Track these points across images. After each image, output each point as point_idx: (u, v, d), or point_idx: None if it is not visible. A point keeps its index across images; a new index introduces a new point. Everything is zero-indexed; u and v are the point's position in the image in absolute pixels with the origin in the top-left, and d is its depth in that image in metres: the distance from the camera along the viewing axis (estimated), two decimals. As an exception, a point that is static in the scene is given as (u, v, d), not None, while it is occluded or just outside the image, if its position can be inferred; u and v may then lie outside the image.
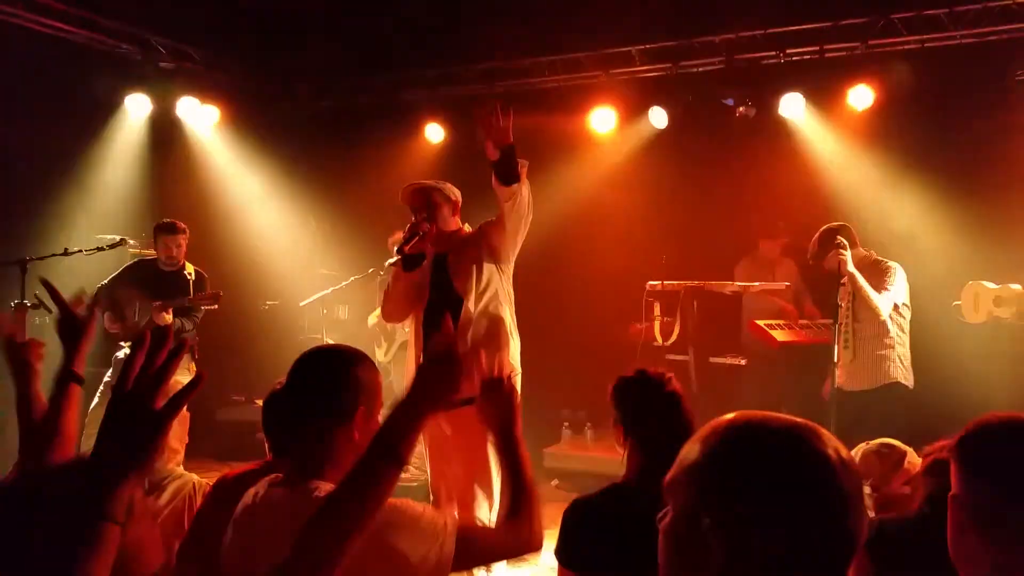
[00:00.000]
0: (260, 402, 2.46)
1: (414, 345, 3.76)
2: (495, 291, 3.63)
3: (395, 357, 6.06)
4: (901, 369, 4.79)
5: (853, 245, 4.79)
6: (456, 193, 3.77)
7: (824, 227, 4.91)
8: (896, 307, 4.76)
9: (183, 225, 5.55)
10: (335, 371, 1.73)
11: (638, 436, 2.17)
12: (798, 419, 1.01)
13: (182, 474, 2.81)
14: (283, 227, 7.60)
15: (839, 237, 4.72)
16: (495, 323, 3.61)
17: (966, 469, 1.36)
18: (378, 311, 6.20)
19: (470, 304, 3.56)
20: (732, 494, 0.93)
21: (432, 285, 3.68)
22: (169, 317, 5.23)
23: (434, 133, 7.32)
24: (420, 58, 7.22)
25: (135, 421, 1.00)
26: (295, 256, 7.47)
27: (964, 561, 1.35)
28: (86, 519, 0.96)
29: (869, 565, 1.98)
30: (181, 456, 2.95)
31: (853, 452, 2.86)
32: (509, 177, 3.39)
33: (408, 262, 3.62)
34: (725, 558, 0.92)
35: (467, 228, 3.78)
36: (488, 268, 3.62)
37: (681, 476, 0.98)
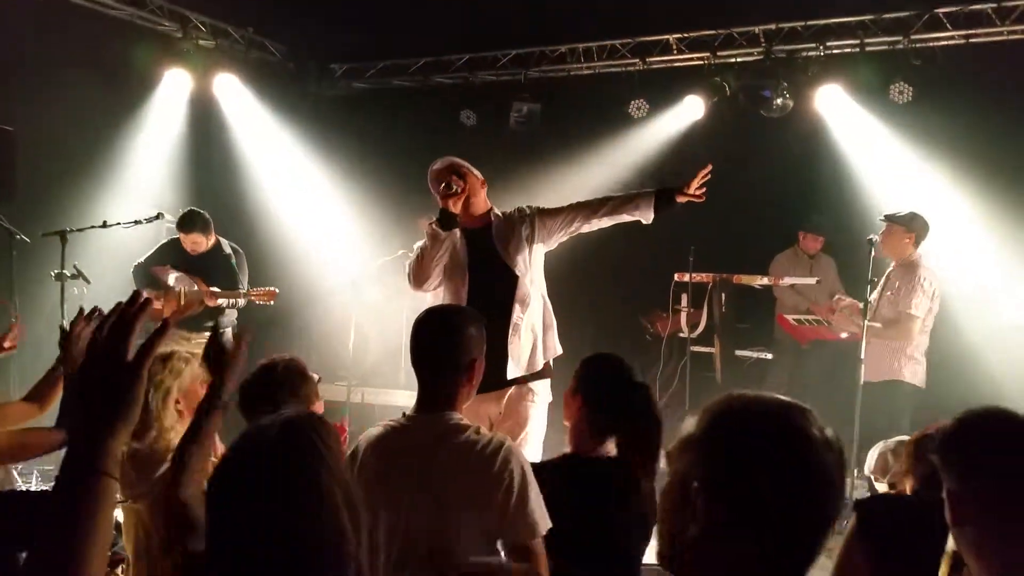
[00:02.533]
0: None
1: None
2: (540, 271, 3.67)
3: None
4: (909, 369, 4.79)
5: (916, 241, 4.82)
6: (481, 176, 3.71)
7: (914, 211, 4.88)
8: (922, 319, 4.77)
9: (203, 219, 5.36)
10: (458, 332, 2.12)
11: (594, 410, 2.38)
12: (789, 400, 1.10)
13: None
14: (317, 207, 7.67)
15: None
16: (546, 302, 3.67)
17: (961, 466, 1.39)
18: None
19: (527, 280, 3.54)
20: (718, 463, 1.06)
21: (473, 263, 3.57)
22: (221, 302, 5.29)
23: (467, 118, 7.33)
24: (455, 42, 7.22)
25: (110, 375, 1.03)
26: (328, 236, 7.53)
27: (971, 554, 1.38)
28: (81, 476, 0.99)
29: (861, 544, 1.95)
30: None
31: (871, 451, 2.84)
32: (659, 214, 3.64)
33: (445, 219, 3.50)
34: (704, 518, 1.04)
35: (496, 211, 3.70)
36: (538, 248, 3.62)
37: (680, 446, 1.11)
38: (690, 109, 6.58)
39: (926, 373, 4.88)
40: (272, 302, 5.36)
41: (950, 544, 1.62)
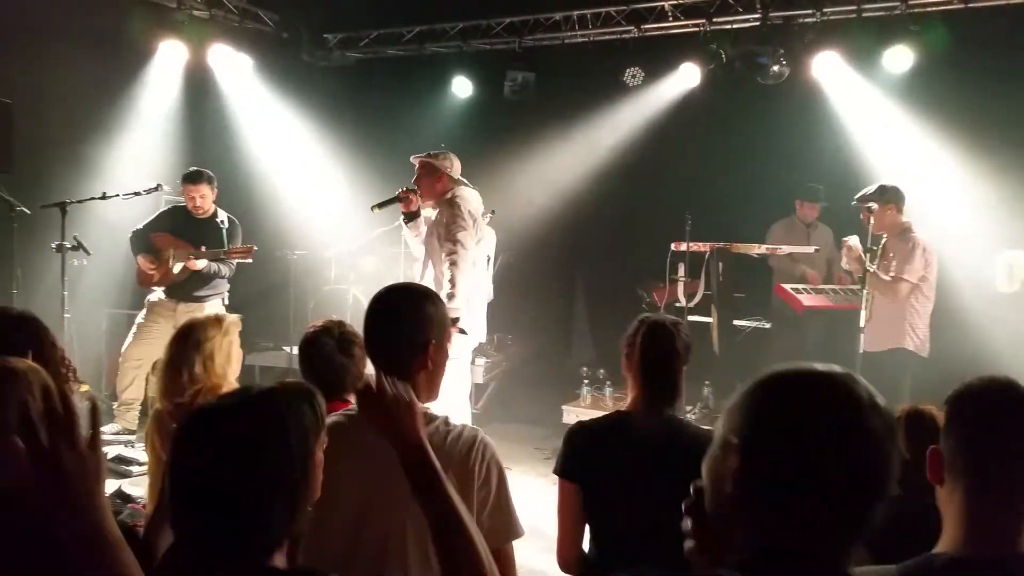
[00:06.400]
0: (288, 349, 2.56)
1: None
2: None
3: None
4: (912, 337, 4.83)
5: (898, 209, 4.86)
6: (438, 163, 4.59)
7: (881, 184, 4.92)
8: (914, 284, 4.79)
9: (209, 174, 5.51)
10: (411, 309, 1.93)
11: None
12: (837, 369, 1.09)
13: None
14: (312, 177, 7.68)
15: (872, 203, 4.76)
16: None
17: (945, 424, 1.44)
18: None
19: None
20: (760, 420, 1.04)
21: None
22: (202, 264, 5.32)
23: (461, 87, 7.30)
24: (449, 11, 7.17)
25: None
26: (323, 206, 7.55)
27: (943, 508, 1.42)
28: None
29: None
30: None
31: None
32: None
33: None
34: (741, 476, 1.02)
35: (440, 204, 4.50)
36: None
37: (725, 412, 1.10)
38: (686, 77, 6.55)
39: (929, 342, 4.93)
40: (250, 259, 5.40)
41: None
